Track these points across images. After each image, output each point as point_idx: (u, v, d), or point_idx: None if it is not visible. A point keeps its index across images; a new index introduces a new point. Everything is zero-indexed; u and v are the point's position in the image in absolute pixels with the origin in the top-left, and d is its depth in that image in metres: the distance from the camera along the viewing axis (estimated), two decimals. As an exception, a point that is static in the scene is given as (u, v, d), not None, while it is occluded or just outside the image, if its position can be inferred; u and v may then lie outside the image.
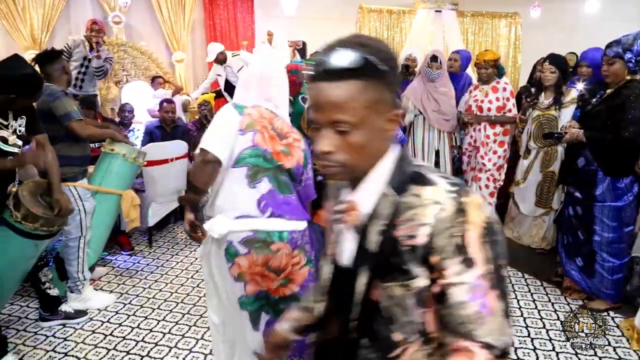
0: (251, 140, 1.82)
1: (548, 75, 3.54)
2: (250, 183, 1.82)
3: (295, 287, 1.91)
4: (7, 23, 6.07)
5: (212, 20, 7.41)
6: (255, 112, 1.88)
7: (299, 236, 1.90)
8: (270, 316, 1.90)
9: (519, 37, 8.25)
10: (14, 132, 2.37)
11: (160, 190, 4.09)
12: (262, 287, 1.86)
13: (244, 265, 1.82)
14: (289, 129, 1.95)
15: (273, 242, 1.83)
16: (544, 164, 3.73)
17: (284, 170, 1.87)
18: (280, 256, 1.84)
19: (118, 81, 6.66)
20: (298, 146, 1.94)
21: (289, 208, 1.87)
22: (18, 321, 2.92)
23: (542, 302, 3.16)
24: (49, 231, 2.39)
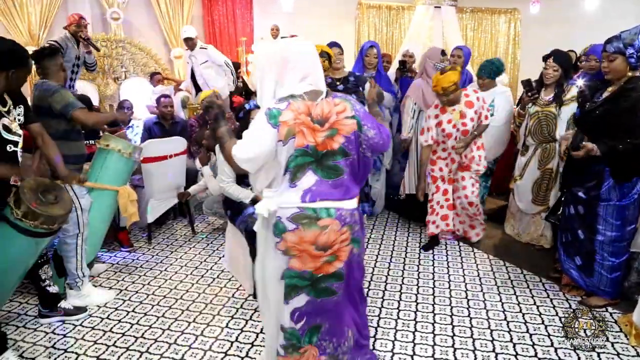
0: (293, 147, 1.83)
1: (550, 73, 3.53)
2: (290, 184, 1.86)
3: (339, 264, 1.90)
4: (4, 20, 6.07)
5: (210, 16, 7.41)
6: (290, 113, 1.82)
7: (347, 214, 1.89)
8: (310, 297, 1.90)
9: (518, 33, 8.25)
10: (15, 121, 2.36)
11: (159, 187, 4.09)
12: (308, 267, 1.86)
13: (291, 240, 1.84)
14: (330, 106, 1.88)
15: (320, 217, 1.84)
16: (542, 160, 3.72)
17: (332, 154, 1.86)
18: (329, 232, 1.84)
19: (117, 78, 6.66)
20: (345, 116, 1.88)
21: (336, 191, 1.87)
22: (17, 318, 2.92)
23: (541, 298, 3.16)
24: (50, 229, 2.39)
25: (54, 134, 2.82)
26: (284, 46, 1.94)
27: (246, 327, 2.81)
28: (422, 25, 7.65)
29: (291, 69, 1.87)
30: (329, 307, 1.94)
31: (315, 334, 1.95)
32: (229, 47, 7.56)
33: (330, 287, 1.90)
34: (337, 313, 1.97)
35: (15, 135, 2.36)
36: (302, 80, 1.88)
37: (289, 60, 1.88)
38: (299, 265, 1.87)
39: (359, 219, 1.98)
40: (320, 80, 1.93)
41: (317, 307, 1.92)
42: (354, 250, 1.95)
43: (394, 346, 2.62)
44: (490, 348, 2.61)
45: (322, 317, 1.94)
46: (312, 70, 1.91)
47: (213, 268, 3.62)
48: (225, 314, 2.95)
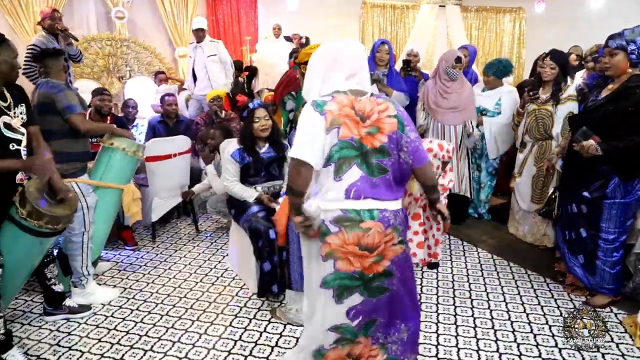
0: (336, 136, 1.82)
1: (548, 71, 3.54)
2: (335, 177, 1.84)
3: (387, 263, 1.89)
4: (10, 19, 6.09)
5: (214, 15, 7.42)
6: (334, 105, 1.84)
7: (391, 215, 1.88)
8: (364, 297, 1.89)
9: (523, 32, 8.23)
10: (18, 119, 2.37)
11: (164, 186, 4.10)
12: (356, 267, 1.85)
13: (334, 243, 1.84)
14: (373, 104, 1.87)
15: (363, 220, 1.83)
16: (539, 157, 3.73)
17: (374, 151, 1.84)
18: (373, 234, 1.83)
19: (121, 77, 6.68)
20: (387, 115, 1.87)
21: (381, 190, 1.86)
22: (22, 315, 2.93)
23: (545, 298, 3.15)
24: (54, 229, 2.39)
25: (59, 131, 2.83)
26: (334, 45, 1.95)
27: (250, 326, 2.81)
28: (427, 24, 7.65)
29: (338, 67, 1.89)
30: (383, 304, 1.94)
31: (370, 327, 1.96)
32: (233, 46, 7.57)
33: (382, 285, 1.91)
34: (390, 308, 1.98)
35: (18, 133, 2.36)
36: (348, 79, 1.90)
37: (337, 59, 1.90)
38: (346, 267, 1.85)
39: (404, 220, 1.97)
40: (365, 81, 1.93)
41: (373, 306, 1.92)
42: (404, 250, 1.95)
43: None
44: (494, 348, 2.61)
45: (377, 313, 1.95)
46: (359, 70, 1.92)
47: (217, 267, 3.62)
48: (229, 313, 2.96)
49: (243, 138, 3.16)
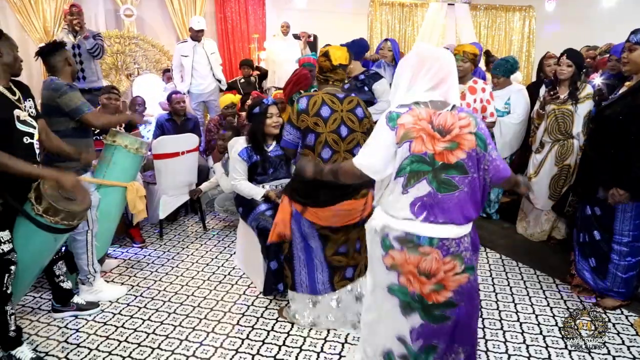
0: (408, 150, 1.76)
1: (564, 69, 3.50)
2: (403, 190, 1.79)
3: (449, 294, 1.81)
4: (20, 17, 6.11)
5: (222, 13, 7.42)
6: (410, 117, 1.77)
7: (451, 243, 1.79)
8: (425, 322, 1.84)
9: (533, 30, 8.15)
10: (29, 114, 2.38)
11: (172, 183, 4.10)
12: (415, 289, 1.81)
13: (397, 259, 1.82)
14: (454, 118, 1.78)
15: (422, 245, 1.78)
16: (560, 157, 3.69)
17: (448, 167, 1.76)
18: (430, 260, 1.78)
19: (129, 74, 6.69)
20: (467, 132, 1.78)
21: (448, 209, 1.77)
22: (31, 312, 2.95)
23: (555, 299, 3.12)
24: (69, 225, 2.40)
25: (63, 132, 2.83)
26: (422, 50, 1.88)
27: (257, 325, 2.81)
28: (435, 22, 7.60)
29: (423, 75, 1.81)
30: (445, 331, 1.87)
31: (431, 353, 1.89)
32: (241, 43, 7.56)
33: (444, 314, 1.84)
34: (452, 335, 1.89)
35: (30, 127, 2.37)
36: (432, 89, 1.81)
37: (423, 66, 1.81)
38: (407, 284, 1.82)
39: (471, 244, 1.86)
40: (451, 92, 1.83)
41: (433, 331, 1.86)
42: (470, 277, 1.84)
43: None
44: (503, 349, 2.58)
45: (437, 339, 1.88)
46: (446, 79, 1.82)
47: (224, 265, 3.62)
48: (237, 312, 2.96)
49: (252, 135, 3.15)
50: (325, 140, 2.43)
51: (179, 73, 5.94)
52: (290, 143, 2.52)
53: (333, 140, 2.44)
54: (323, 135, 2.43)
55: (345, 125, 2.46)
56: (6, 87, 2.31)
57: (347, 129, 2.47)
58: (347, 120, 2.47)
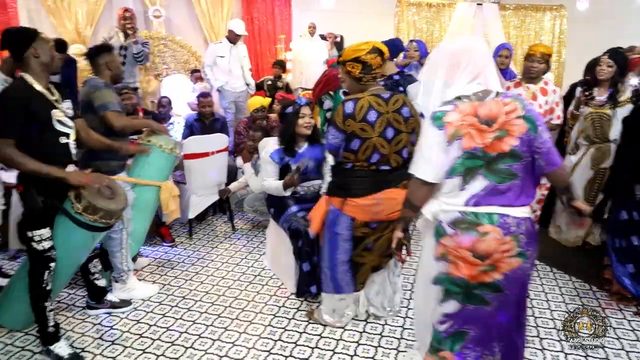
0: (459, 148, 1.74)
1: (604, 69, 3.39)
2: (460, 187, 1.77)
3: (498, 275, 1.77)
4: (54, 19, 6.24)
5: (249, 14, 7.46)
6: (456, 114, 1.74)
7: (513, 222, 1.75)
8: (462, 305, 1.82)
9: (563, 31, 7.98)
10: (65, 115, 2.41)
11: (201, 183, 4.13)
12: (462, 274, 1.79)
13: (448, 245, 1.79)
14: (499, 105, 1.75)
15: (481, 223, 1.75)
16: (596, 160, 3.58)
17: (502, 156, 1.73)
18: (489, 240, 1.74)
19: (158, 74, 6.77)
20: (515, 116, 1.74)
21: (508, 196, 1.76)
22: (67, 308, 2.99)
23: (592, 307, 3.03)
24: (107, 223, 2.43)
25: (99, 129, 2.86)
26: (455, 45, 1.85)
27: (289, 326, 2.80)
28: (463, 23, 7.52)
29: (462, 69, 1.78)
30: (480, 316, 1.84)
31: (458, 341, 1.87)
32: (267, 44, 7.59)
33: (484, 296, 1.81)
34: (488, 324, 1.86)
35: (67, 127, 2.40)
36: (472, 80, 1.79)
37: (460, 61, 1.79)
38: (454, 271, 1.80)
39: (529, 230, 1.81)
40: (491, 79, 1.81)
41: (466, 314, 1.84)
42: (522, 264, 1.79)
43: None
44: (541, 358, 2.52)
45: (470, 325, 1.85)
46: (484, 69, 1.80)
47: (254, 265, 3.62)
48: (268, 312, 2.95)
49: (283, 136, 3.14)
50: (372, 145, 2.38)
51: (212, 72, 6.01)
52: (335, 146, 2.45)
53: (380, 144, 2.38)
54: (370, 140, 2.36)
55: (392, 127, 2.40)
56: (45, 87, 2.34)
57: (394, 130, 2.41)
58: (393, 122, 2.41)
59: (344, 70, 2.48)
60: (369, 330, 2.75)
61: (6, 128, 2.21)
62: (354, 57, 2.40)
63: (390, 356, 2.54)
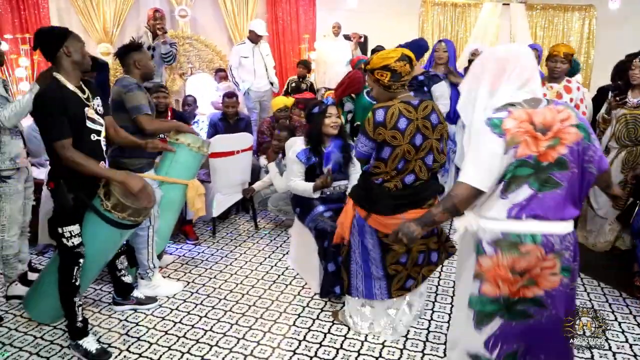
0: (513, 156, 1.68)
1: (637, 73, 3.31)
2: (502, 195, 1.72)
3: (539, 291, 1.73)
4: (82, 18, 6.35)
5: (274, 13, 7.47)
6: (512, 121, 1.69)
7: (557, 240, 1.71)
8: (503, 320, 1.77)
9: (592, 31, 7.81)
10: (96, 112, 2.44)
11: (226, 182, 4.15)
12: (502, 292, 1.74)
13: (485, 266, 1.75)
14: (553, 113, 1.70)
15: (524, 243, 1.70)
16: (627, 164, 3.50)
17: (550, 166, 1.68)
18: (529, 258, 1.70)
19: (183, 73, 6.83)
20: (569, 124, 1.70)
21: (550, 207, 1.70)
22: (93, 303, 3.04)
23: (623, 314, 2.96)
24: (135, 221, 2.46)
25: (128, 127, 2.89)
26: (500, 51, 1.82)
27: (314, 327, 2.79)
28: (490, 23, 7.42)
29: (508, 76, 1.74)
30: (524, 330, 1.79)
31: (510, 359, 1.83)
32: (291, 44, 7.59)
33: (527, 310, 1.76)
34: (534, 337, 1.81)
35: (97, 124, 2.44)
36: (519, 88, 1.74)
37: (506, 67, 1.74)
38: (492, 291, 1.75)
39: (573, 244, 1.75)
40: (538, 88, 1.77)
41: (513, 331, 1.79)
42: (563, 280, 1.74)
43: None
44: (571, 365, 2.46)
45: (518, 341, 1.80)
46: (530, 76, 1.75)
47: (277, 265, 3.63)
48: (292, 312, 2.95)
49: (310, 136, 3.13)
50: (402, 153, 2.34)
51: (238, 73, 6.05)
52: (366, 155, 2.42)
53: (407, 150, 2.35)
54: (400, 147, 2.33)
55: (420, 133, 2.36)
56: (77, 86, 2.38)
57: (422, 137, 2.37)
58: (422, 128, 2.37)
59: (372, 79, 2.44)
60: (394, 332, 2.72)
61: (58, 129, 2.25)
62: (383, 65, 2.37)
63: (416, 359, 2.51)
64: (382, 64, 2.37)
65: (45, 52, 2.37)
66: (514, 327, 1.76)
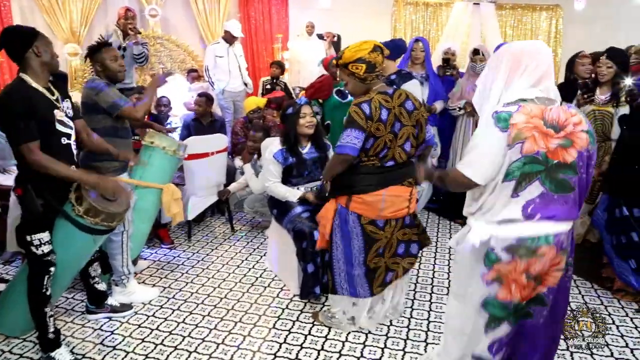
0: (519, 152, 1.67)
1: (604, 71, 3.40)
2: (513, 193, 1.71)
3: (543, 289, 1.76)
4: (48, 17, 6.17)
5: (246, 13, 7.40)
6: (522, 116, 1.68)
7: (565, 238, 1.75)
8: (509, 326, 1.78)
9: (559, 30, 8.00)
10: (66, 115, 2.36)
11: (201, 184, 4.08)
12: (515, 298, 1.74)
13: (504, 270, 1.74)
14: (567, 114, 1.71)
15: (540, 247, 1.71)
16: (597, 159, 3.58)
17: (563, 166, 1.69)
18: (545, 260, 1.71)
19: (154, 74, 6.70)
20: (580, 129, 1.71)
21: (562, 208, 1.71)
22: (65, 313, 2.94)
23: (595, 305, 3.04)
24: (109, 226, 2.39)
25: (102, 130, 2.82)
26: (520, 47, 1.80)
27: (294, 329, 2.76)
28: (461, 22, 7.51)
29: (522, 72, 1.74)
30: (525, 331, 1.80)
31: None
32: (264, 44, 7.54)
33: (529, 310, 1.78)
34: (532, 339, 1.83)
35: (67, 127, 2.36)
36: (533, 85, 1.74)
37: (521, 62, 1.74)
38: (506, 296, 1.75)
39: (571, 239, 1.81)
40: (552, 88, 1.76)
41: (514, 333, 1.80)
42: (562, 275, 1.79)
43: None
44: (549, 358, 2.50)
45: (517, 343, 1.82)
46: (546, 76, 1.74)
47: (255, 267, 3.58)
48: (272, 315, 2.92)
49: (286, 137, 3.10)
50: (383, 142, 2.36)
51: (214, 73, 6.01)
52: (358, 150, 2.34)
53: (389, 139, 2.37)
54: (382, 138, 2.35)
55: (398, 121, 2.39)
56: (45, 87, 2.29)
57: (400, 125, 2.39)
58: (399, 116, 2.40)
59: (347, 73, 2.44)
60: (375, 331, 2.72)
61: (24, 131, 2.16)
62: (357, 57, 2.37)
63: (397, 357, 2.51)
64: (355, 56, 2.37)
65: (11, 53, 2.27)
66: (515, 328, 1.79)
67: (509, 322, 1.78)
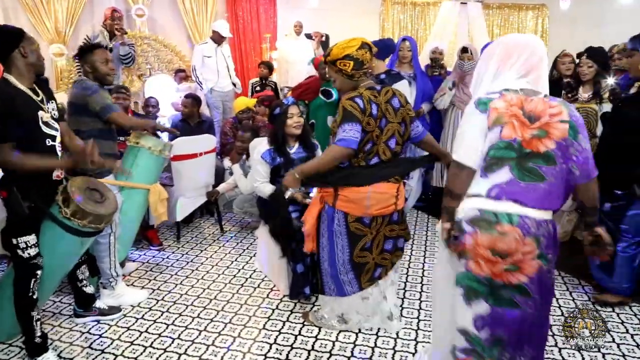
0: (498, 135, 1.73)
1: (585, 70, 3.46)
2: (482, 174, 1.76)
3: (524, 278, 1.73)
4: (32, 17, 6.09)
5: (234, 12, 7.37)
6: (502, 102, 1.74)
7: (532, 223, 1.72)
8: (491, 305, 1.77)
9: (545, 30, 8.09)
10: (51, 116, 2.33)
11: (189, 185, 4.06)
12: (485, 272, 1.75)
13: (468, 244, 1.76)
14: (545, 106, 1.74)
15: (499, 222, 1.71)
16: None
17: (535, 156, 1.71)
18: (509, 240, 1.70)
19: (141, 74, 6.65)
20: (558, 120, 1.72)
21: (531, 196, 1.72)
22: (53, 316, 2.90)
23: (582, 301, 3.09)
24: (96, 228, 2.36)
25: (88, 132, 2.80)
26: (510, 39, 1.86)
27: (284, 329, 2.76)
28: (448, 21, 7.56)
29: (512, 64, 1.79)
30: (511, 320, 1.79)
31: (497, 346, 1.82)
32: (252, 44, 7.51)
33: (513, 299, 1.76)
34: (519, 330, 1.82)
35: (52, 129, 2.33)
36: (521, 77, 1.79)
37: (512, 53, 1.79)
38: (476, 269, 1.76)
39: (550, 233, 1.77)
40: (541, 81, 1.80)
41: (499, 317, 1.79)
42: (543, 267, 1.75)
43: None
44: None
45: (504, 330, 1.80)
46: (535, 67, 1.78)
47: (245, 268, 3.57)
48: (262, 315, 2.91)
49: (274, 137, 3.10)
50: (371, 138, 2.38)
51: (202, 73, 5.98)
52: (357, 141, 2.32)
53: (376, 135, 2.39)
54: (371, 133, 2.36)
55: (384, 117, 2.41)
56: (30, 87, 2.27)
57: (385, 121, 2.41)
58: (386, 112, 2.41)
59: (335, 69, 2.45)
60: (365, 330, 2.72)
61: (1, 132, 2.12)
62: (345, 54, 2.38)
63: (387, 356, 2.52)
64: (343, 53, 2.38)
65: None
66: (503, 314, 1.78)
67: (486, 301, 1.77)
